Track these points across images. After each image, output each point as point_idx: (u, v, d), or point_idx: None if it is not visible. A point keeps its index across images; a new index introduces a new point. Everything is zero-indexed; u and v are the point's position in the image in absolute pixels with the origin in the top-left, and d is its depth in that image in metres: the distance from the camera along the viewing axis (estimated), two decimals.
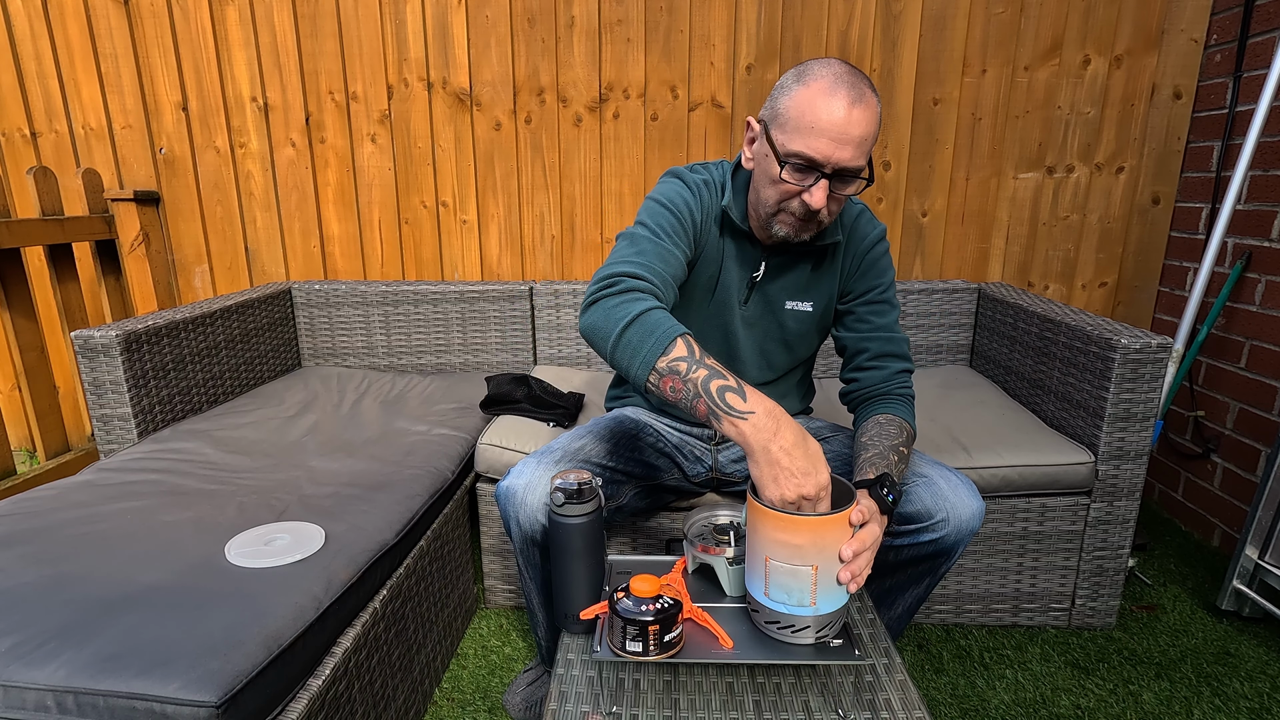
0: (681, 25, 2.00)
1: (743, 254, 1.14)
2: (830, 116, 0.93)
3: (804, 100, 0.95)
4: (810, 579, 0.82)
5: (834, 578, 0.83)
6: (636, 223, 1.07)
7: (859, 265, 1.16)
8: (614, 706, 0.81)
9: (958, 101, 2.02)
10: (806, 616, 0.85)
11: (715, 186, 1.13)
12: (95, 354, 1.47)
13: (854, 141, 0.94)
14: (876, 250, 1.16)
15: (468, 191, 2.15)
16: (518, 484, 1.07)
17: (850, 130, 0.93)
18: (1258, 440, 1.76)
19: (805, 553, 0.81)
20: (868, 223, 1.17)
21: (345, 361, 2.15)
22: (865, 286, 1.17)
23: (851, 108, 0.93)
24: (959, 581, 1.53)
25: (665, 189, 1.10)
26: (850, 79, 0.94)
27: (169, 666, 0.78)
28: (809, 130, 0.94)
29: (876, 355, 1.16)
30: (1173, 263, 2.06)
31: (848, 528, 0.83)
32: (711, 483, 1.35)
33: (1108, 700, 1.35)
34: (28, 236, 1.86)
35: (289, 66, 2.08)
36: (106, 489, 1.24)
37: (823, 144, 0.94)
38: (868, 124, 0.94)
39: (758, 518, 0.84)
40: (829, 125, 0.93)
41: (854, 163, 0.96)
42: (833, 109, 0.93)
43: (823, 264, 1.16)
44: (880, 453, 1.00)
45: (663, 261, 1.01)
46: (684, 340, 0.88)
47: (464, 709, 1.33)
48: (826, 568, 0.82)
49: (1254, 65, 1.79)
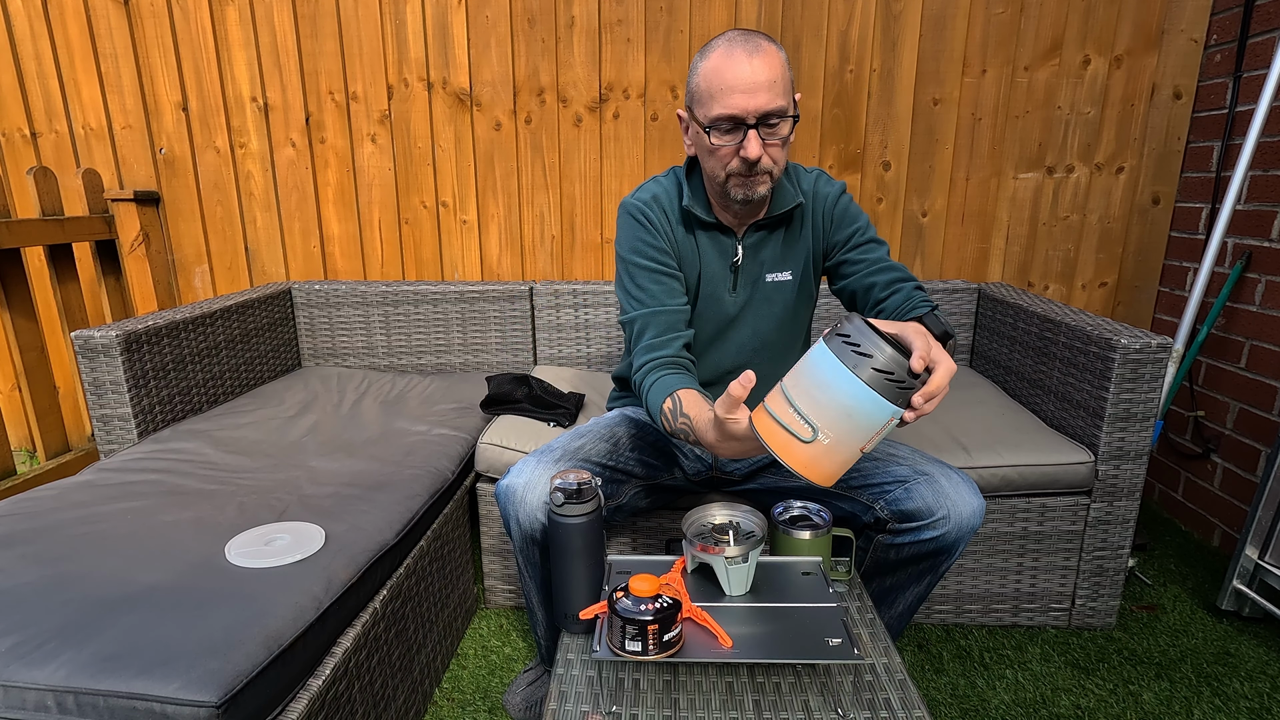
0: (681, 25, 2.00)
1: (718, 245, 1.18)
2: (734, 73, 0.99)
3: (709, 69, 1.02)
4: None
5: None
6: (619, 287, 1.17)
7: (830, 220, 1.19)
8: (614, 706, 0.81)
9: (958, 101, 2.02)
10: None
11: (668, 194, 1.18)
12: (95, 354, 1.48)
13: (763, 86, 0.99)
14: (842, 201, 1.19)
15: (468, 191, 2.15)
16: (517, 483, 1.07)
17: (756, 79, 0.99)
18: (1258, 440, 1.76)
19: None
20: (826, 183, 1.20)
21: (345, 361, 2.15)
22: (845, 235, 1.19)
23: (751, 59, 0.99)
24: (959, 581, 1.53)
25: (621, 239, 1.18)
26: (743, 37, 1.01)
27: (169, 666, 0.78)
28: (720, 92, 1.01)
29: (887, 285, 1.15)
30: (1173, 263, 2.06)
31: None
32: (711, 482, 1.35)
33: (1108, 700, 1.35)
34: (28, 236, 1.86)
35: (289, 66, 2.08)
36: (106, 489, 1.24)
37: (736, 99, 1.00)
38: (771, 68, 1.00)
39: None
40: (735, 81, 0.99)
41: (772, 105, 1.00)
42: (736, 67, 1.00)
43: (793, 230, 1.19)
44: (927, 315, 0.97)
45: (652, 308, 1.12)
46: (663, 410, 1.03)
47: (464, 709, 1.33)
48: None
49: (1254, 65, 1.79)
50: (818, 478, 0.81)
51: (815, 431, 0.78)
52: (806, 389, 0.79)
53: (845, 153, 2.08)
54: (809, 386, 0.79)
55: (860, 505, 1.13)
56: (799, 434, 0.79)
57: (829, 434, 0.78)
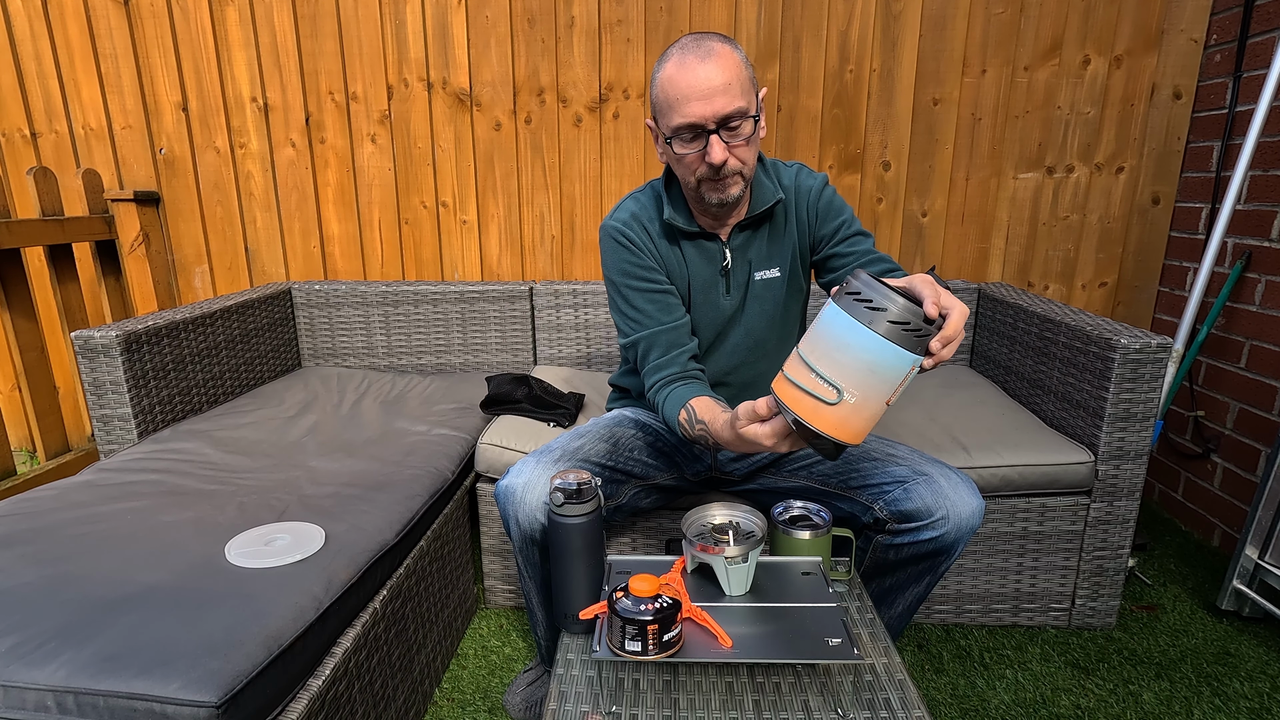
0: (681, 25, 2.00)
1: (704, 252, 1.18)
2: (689, 81, 0.99)
3: (665, 80, 1.02)
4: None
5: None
6: (614, 310, 1.21)
7: (815, 214, 1.19)
8: (614, 706, 0.81)
9: (958, 101, 2.02)
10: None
11: (647, 210, 1.19)
12: (95, 354, 1.48)
13: (719, 91, 0.99)
14: (826, 194, 1.19)
15: (468, 192, 2.15)
16: (517, 483, 1.07)
17: (711, 83, 0.99)
18: (1258, 440, 1.76)
19: None
20: (807, 176, 1.20)
21: (345, 362, 2.15)
22: (832, 228, 1.19)
23: (702, 64, 0.99)
24: (959, 581, 1.53)
25: (607, 263, 1.20)
26: (695, 42, 1.01)
27: (169, 666, 0.78)
28: (678, 101, 1.01)
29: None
30: (1173, 263, 2.06)
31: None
32: (711, 482, 1.35)
33: (1108, 700, 1.35)
34: (28, 237, 1.86)
35: (289, 66, 2.08)
36: (106, 489, 1.24)
37: (693, 106, 1.00)
38: (725, 71, 0.99)
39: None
40: (689, 88, 0.99)
41: (730, 108, 1.00)
42: (686, 75, 1.00)
43: (776, 226, 1.19)
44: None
45: (651, 329, 1.15)
46: (680, 421, 1.07)
47: (464, 709, 1.33)
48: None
49: (1254, 65, 1.79)
50: (849, 436, 0.81)
51: (840, 393, 0.78)
52: (825, 351, 0.79)
53: (845, 153, 2.08)
54: (828, 349, 0.79)
55: (860, 505, 1.13)
56: (825, 398, 0.79)
57: (854, 392, 0.78)
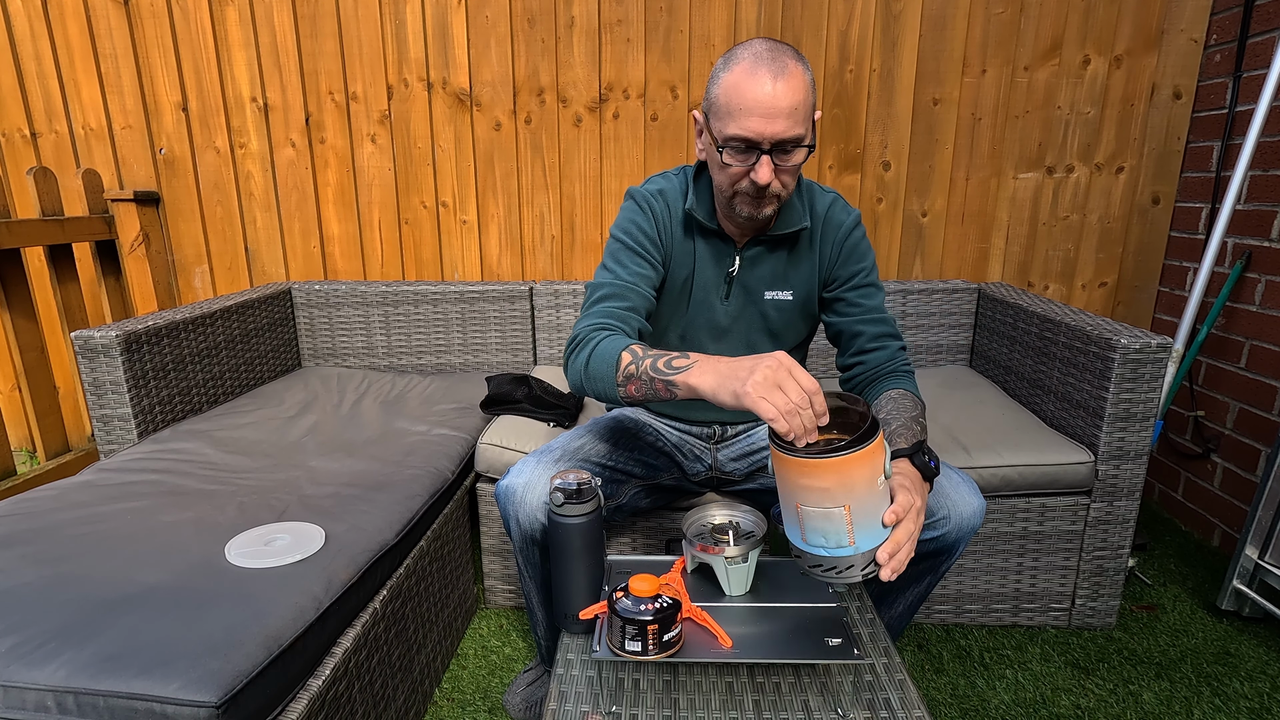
0: (681, 25, 2.00)
1: (715, 252, 1.17)
2: (756, 95, 0.96)
3: (730, 85, 0.98)
4: (844, 519, 0.80)
5: (869, 513, 0.81)
6: (601, 266, 1.15)
7: (839, 253, 1.18)
8: (614, 706, 0.81)
9: (958, 101, 2.02)
10: (849, 556, 0.82)
11: (674, 193, 1.17)
12: (95, 354, 1.48)
13: (784, 114, 0.97)
14: (855, 235, 1.18)
15: (468, 192, 2.15)
16: (517, 483, 1.07)
17: (778, 104, 0.96)
18: (1258, 440, 1.76)
19: (834, 495, 0.79)
20: (841, 210, 1.19)
21: (345, 362, 2.15)
22: (850, 272, 1.18)
23: (775, 82, 0.96)
24: (959, 581, 1.53)
25: (619, 218, 1.16)
26: (771, 55, 0.97)
27: (169, 666, 0.78)
28: (739, 112, 0.98)
29: (875, 337, 1.17)
30: (1173, 263, 2.06)
31: (873, 462, 0.80)
32: (711, 482, 1.35)
33: (1108, 700, 1.35)
34: (28, 237, 1.86)
35: (289, 66, 2.08)
36: (106, 489, 1.24)
37: (754, 122, 0.97)
38: (794, 94, 0.97)
39: (781, 465, 0.82)
40: (755, 104, 0.96)
41: (789, 133, 0.98)
42: (757, 88, 0.96)
43: (797, 251, 1.18)
44: (904, 424, 1.01)
45: (626, 283, 1.09)
46: (628, 350, 0.96)
47: (464, 709, 1.33)
48: (860, 505, 0.80)
49: (1254, 65, 1.79)
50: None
51: (847, 541, 0.82)
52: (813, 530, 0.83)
53: (845, 153, 2.08)
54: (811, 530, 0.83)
55: None
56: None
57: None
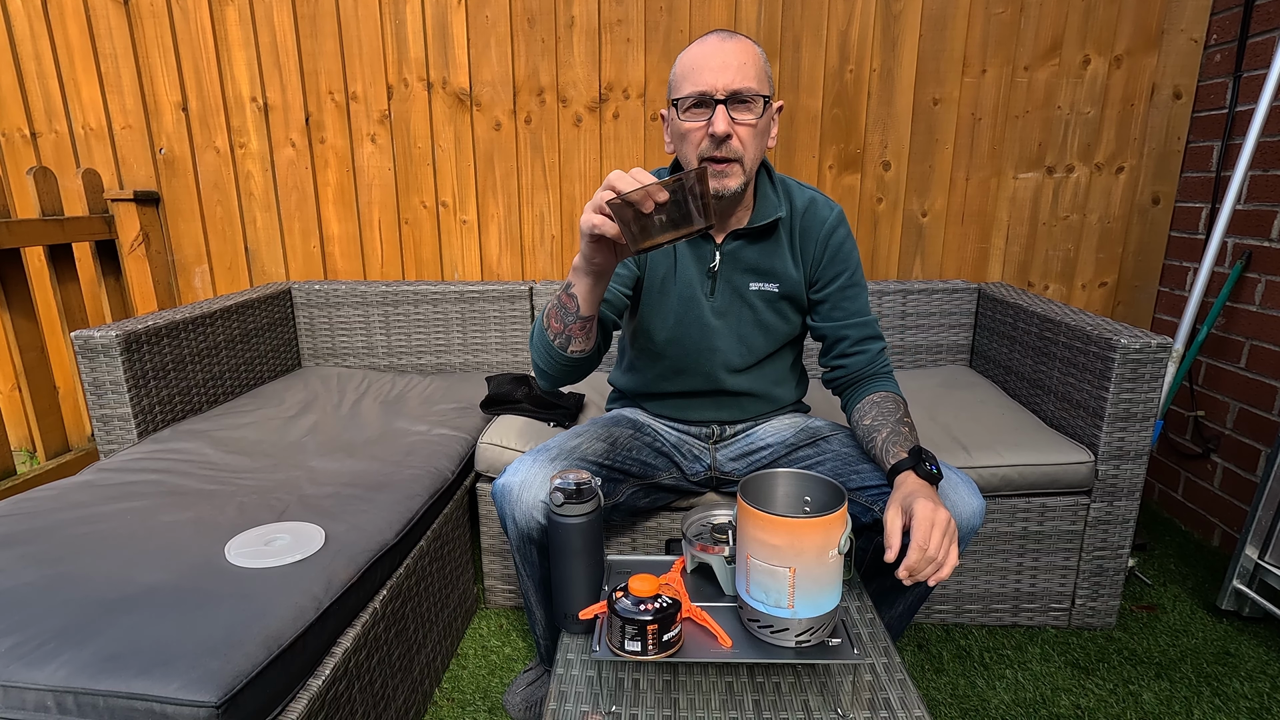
0: (681, 25, 2.00)
1: (695, 249, 1.18)
2: (704, 53, 1.02)
3: (682, 58, 1.05)
4: (788, 580, 0.82)
5: (816, 582, 0.83)
6: None
7: (824, 251, 1.19)
8: (613, 706, 0.81)
9: (958, 101, 2.02)
10: (785, 618, 0.84)
11: None
12: (95, 354, 1.48)
13: (732, 66, 1.00)
14: (839, 234, 1.19)
15: (468, 191, 2.15)
16: (513, 481, 1.07)
17: (725, 58, 1.00)
18: (1258, 440, 1.76)
19: (783, 554, 0.81)
20: (823, 206, 1.19)
21: (345, 361, 2.15)
22: (834, 273, 1.19)
23: (722, 43, 1.01)
24: (959, 581, 1.53)
25: None
26: (720, 31, 1.04)
27: (169, 666, 0.78)
28: (691, 73, 1.03)
29: (858, 340, 1.19)
30: (1173, 263, 2.06)
31: (827, 532, 0.82)
32: (710, 482, 1.35)
33: (1108, 700, 1.35)
34: (28, 237, 1.86)
35: (289, 66, 2.08)
36: (106, 489, 1.24)
37: (704, 76, 1.01)
38: (741, 52, 1.01)
39: (742, 515, 0.85)
40: (704, 60, 1.01)
41: (740, 84, 1.00)
42: (704, 50, 1.02)
43: (776, 242, 1.18)
44: (893, 429, 1.03)
45: None
46: (545, 313, 1.03)
47: (464, 709, 1.33)
48: (806, 571, 0.82)
49: (1254, 65, 1.79)
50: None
51: (786, 604, 0.84)
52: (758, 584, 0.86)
53: (845, 153, 2.08)
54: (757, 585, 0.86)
55: (860, 506, 1.13)
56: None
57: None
